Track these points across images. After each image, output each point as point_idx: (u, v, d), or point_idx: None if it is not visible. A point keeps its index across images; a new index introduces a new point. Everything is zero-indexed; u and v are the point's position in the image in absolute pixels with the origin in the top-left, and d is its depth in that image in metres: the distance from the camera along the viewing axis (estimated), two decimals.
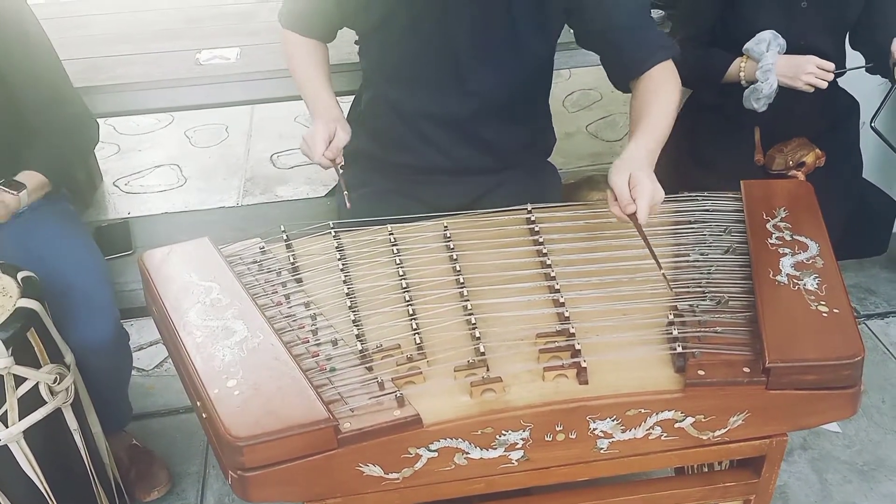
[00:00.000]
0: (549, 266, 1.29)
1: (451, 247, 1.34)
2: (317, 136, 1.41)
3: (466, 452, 1.09)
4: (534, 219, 1.39)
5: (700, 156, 1.91)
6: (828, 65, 1.69)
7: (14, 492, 1.48)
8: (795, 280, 1.23)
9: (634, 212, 1.21)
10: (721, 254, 1.31)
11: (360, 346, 1.15)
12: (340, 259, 1.32)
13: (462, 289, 1.24)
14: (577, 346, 1.12)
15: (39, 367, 1.43)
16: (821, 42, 1.79)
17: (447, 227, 1.38)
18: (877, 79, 1.86)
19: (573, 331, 1.15)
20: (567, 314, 1.18)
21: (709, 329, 1.16)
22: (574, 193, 2.35)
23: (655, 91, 1.42)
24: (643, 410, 1.09)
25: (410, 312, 1.21)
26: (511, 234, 1.38)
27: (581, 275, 1.27)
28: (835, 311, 1.16)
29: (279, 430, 1.01)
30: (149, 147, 3.23)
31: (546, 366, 1.11)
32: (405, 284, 1.26)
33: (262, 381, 1.08)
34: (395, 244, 1.35)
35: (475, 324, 1.18)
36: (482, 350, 1.14)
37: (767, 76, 1.71)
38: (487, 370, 1.11)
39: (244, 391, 1.06)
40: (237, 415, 1.03)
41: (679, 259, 1.30)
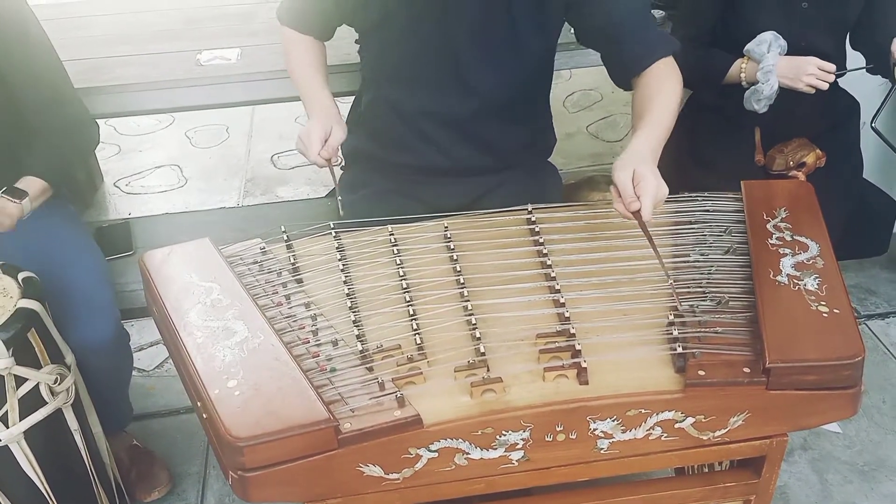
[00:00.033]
0: (550, 266, 1.29)
1: (452, 247, 1.33)
2: (313, 135, 1.40)
3: (467, 453, 1.09)
4: (534, 219, 1.39)
5: (700, 156, 1.91)
6: (829, 66, 1.69)
7: (14, 492, 1.49)
8: (796, 280, 1.22)
9: (639, 209, 1.20)
10: (721, 254, 1.31)
11: (361, 347, 1.15)
12: (341, 259, 1.32)
13: (462, 289, 1.24)
14: (578, 347, 1.12)
15: (40, 368, 1.43)
16: (821, 42, 1.79)
17: (447, 228, 1.38)
18: (877, 79, 1.86)
19: (573, 331, 1.15)
20: (567, 314, 1.18)
21: (709, 329, 1.16)
22: (574, 194, 2.35)
23: (657, 87, 1.41)
24: (643, 411, 1.09)
25: (411, 313, 1.21)
26: (511, 235, 1.38)
27: (581, 275, 1.27)
28: (835, 312, 1.16)
29: (280, 431, 1.01)
30: (149, 148, 3.23)
31: (546, 366, 1.11)
32: (405, 285, 1.26)
33: (263, 382, 1.08)
34: (396, 244, 1.35)
35: (475, 324, 1.18)
36: (482, 350, 1.14)
37: (768, 77, 1.71)
38: (488, 370, 1.11)
39: (245, 391, 1.06)
40: (238, 415, 1.03)
41: (679, 259, 1.29)
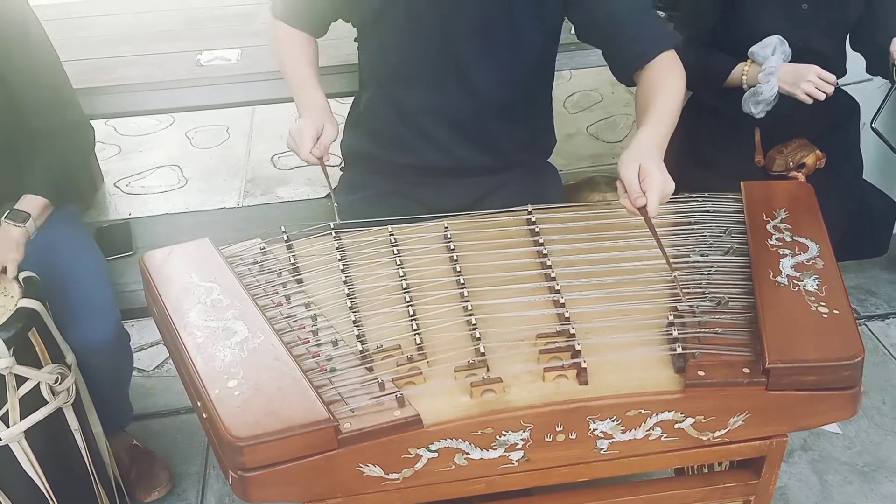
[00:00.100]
0: (550, 267, 1.29)
1: (452, 247, 1.33)
2: (304, 133, 1.38)
3: (466, 453, 1.09)
4: (534, 219, 1.39)
5: (700, 157, 1.91)
6: (829, 76, 1.69)
7: (15, 492, 1.49)
8: (795, 281, 1.22)
9: (645, 205, 1.19)
10: (721, 255, 1.31)
11: (361, 347, 1.15)
12: (341, 260, 1.32)
13: (462, 289, 1.24)
14: (578, 347, 1.12)
15: (41, 368, 1.43)
16: (821, 44, 1.80)
17: (447, 228, 1.38)
18: (877, 80, 1.86)
19: (573, 331, 1.15)
20: (567, 315, 1.18)
21: (709, 330, 1.16)
22: (575, 195, 2.35)
23: (661, 81, 1.40)
24: (643, 411, 1.09)
25: (411, 313, 1.21)
26: (511, 235, 1.38)
27: (581, 275, 1.27)
28: (835, 312, 1.16)
29: (280, 431, 1.01)
30: (150, 148, 3.23)
31: (546, 366, 1.11)
32: (405, 285, 1.26)
33: (263, 382, 1.08)
34: (396, 245, 1.35)
35: (475, 324, 1.18)
36: (482, 350, 1.14)
37: (769, 79, 1.71)
38: (488, 371, 1.11)
39: (245, 391, 1.06)
40: (238, 415, 1.03)
41: (679, 260, 1.29)
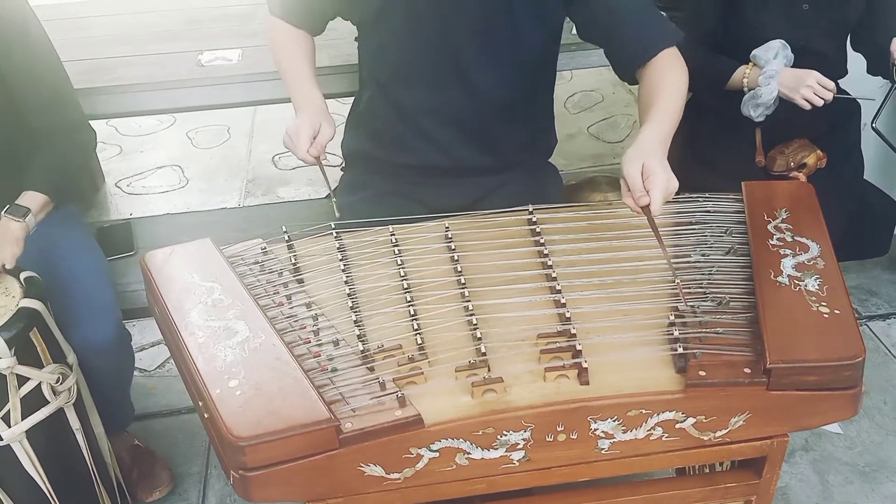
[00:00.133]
0: (551, 267, 1.29)
1: (453, 247, 1.33)
2: (301, 132, 1.37)
3: (468, 453, 1.09)
4: (535, 219, 1.39)
5: (701, 157, 1.91)
6: (828, 83, 1.70)
7: (16, 492, 1.49)
8: (796, 281, 1.22)
9: (648, 203, 1.18)
10: (722, 255, 1.31)
11: (362, 347, 1.15)
12: (342, 260, 1.32)
13: (463, 289, 1.24)
14: (579, 347, 1.12)
15: (42, 367, 1.43)
16: (822, 44, 1.80)
17: (448, 228, 1.38)
18: (877, 80, 1.86)
19: (574, 331, 1.15)
20: (568, 315, 1.18)
21: (710, 330, 1.16)
22: (575, 195, 2.35)
23: (663, 78, 1.40)
24: (644, 411, 1.09)
25: (412, 313, 1.21)
26: (512, 235, 1.38)
27: (582, 275, 1.27)
28: (836, 312, 1.16)
29: (281, 430, 1.01)
30: (151, 148, 3.24)
31: (547, 366, 1.11)
32: (406, 285, 1.26)
33: (264, 382, 1.08)
34: (397, 244, 1.35)
35: (476, 324, 1.18)
36: (483, 350, 1.14)
37: (769, 81, 1.71)
38: (489, 370, 1.11)
39: (246, 391, 1.06)
40: (239, 415, 1.03)
41: (680, 260, 1.29)
